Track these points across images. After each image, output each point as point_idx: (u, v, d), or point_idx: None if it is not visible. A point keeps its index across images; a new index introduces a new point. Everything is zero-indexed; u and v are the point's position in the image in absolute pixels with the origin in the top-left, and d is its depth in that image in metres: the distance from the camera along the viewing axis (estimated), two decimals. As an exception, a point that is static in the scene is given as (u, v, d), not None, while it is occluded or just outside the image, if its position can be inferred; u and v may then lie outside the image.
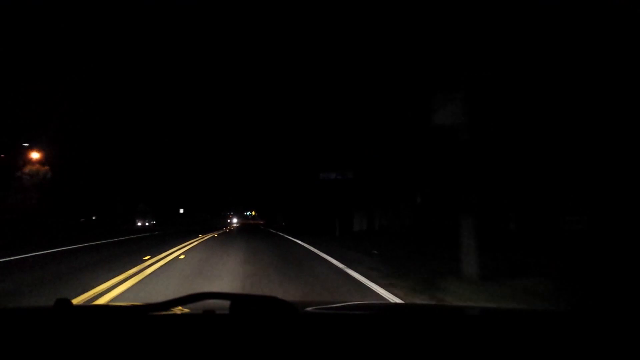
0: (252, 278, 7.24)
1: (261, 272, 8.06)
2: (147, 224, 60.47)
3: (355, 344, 1.18)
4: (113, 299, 5.55)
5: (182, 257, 11.09)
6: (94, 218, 45.11)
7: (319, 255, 11.73)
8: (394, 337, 1.26)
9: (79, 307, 2.09)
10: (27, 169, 32.38)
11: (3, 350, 1.08)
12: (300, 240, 19.50)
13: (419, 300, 5.56)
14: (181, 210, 64.14)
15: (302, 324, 1.34)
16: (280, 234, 28.48)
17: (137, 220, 57.33)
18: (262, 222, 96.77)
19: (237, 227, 56.88)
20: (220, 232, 31.47)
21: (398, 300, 5.52)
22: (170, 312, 1.44)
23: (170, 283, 6.74)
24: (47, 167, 35.32)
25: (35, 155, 33.58)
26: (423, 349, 1.15)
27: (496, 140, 13.27)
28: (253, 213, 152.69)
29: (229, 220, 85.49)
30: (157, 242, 17.63)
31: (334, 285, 6.71)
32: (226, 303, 1.29)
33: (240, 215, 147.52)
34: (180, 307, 1.49)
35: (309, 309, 1.71)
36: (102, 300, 5.48)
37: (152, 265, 8.97)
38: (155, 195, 58.71)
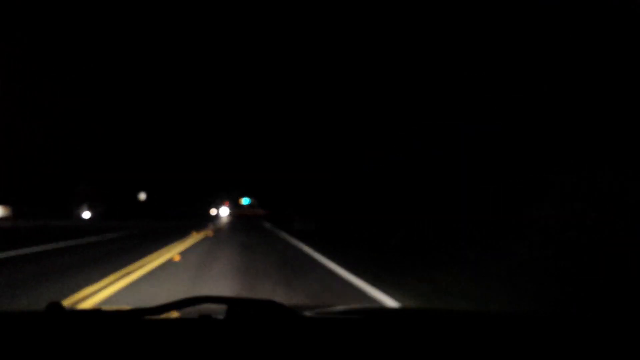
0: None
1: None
2: (99, 213, 41.15)
3: (353, 348, 1.17)
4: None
5: None
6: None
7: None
8: (392, 341, 1.25)
9: (71, 311, 2.01)
10: None
11: None
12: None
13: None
14: (142, 196, 43.26)
15: (300, 328, 1.31)
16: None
17: (78, 210, 37.91)
18: (262, 212, 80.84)
19: (227, 222, 37.53)
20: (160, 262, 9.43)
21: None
22: (165, 317, 1.41)
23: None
24: None
25: None
26: (421, 353, 1.14)
27: None
28: (252, 201, 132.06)
29: (212, 212, 61.77)
30: None
31: None
32: (223, 307, 1.29)
33: (236, 204, 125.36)
34: (175, 312, 1.44)
35: (307, 313, 1.63)
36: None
37: None
38: (106, 172, 38.78)
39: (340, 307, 2.00)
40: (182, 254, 11.01)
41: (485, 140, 12.05)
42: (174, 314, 1.48)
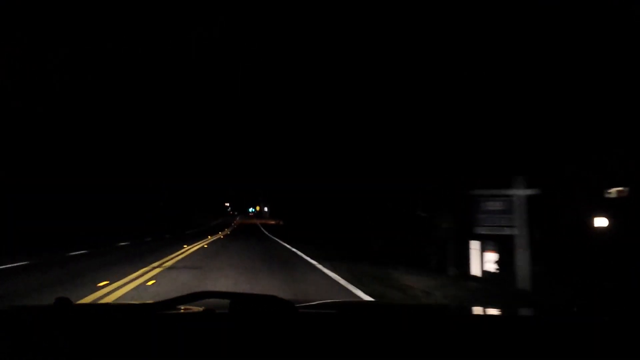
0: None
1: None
2: None
3: (352, 342, 1.19)
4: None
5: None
6: None
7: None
8: (390, 334, 1.28)
9: (79, 306, 2.07)
10: None
11: (5, 349, 1.06)
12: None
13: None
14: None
15: (302, 322, 1.34)
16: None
17: None
18: (274, 222, 67.36)
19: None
20: None
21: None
22: (170, 311, 1.43)
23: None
24: None
25: None
26: (416, 347, 1.17)
27: None
28: (257, 209, 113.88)
29: None
30: None
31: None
32: (226, 302, 1.28)
33: (240, 212, 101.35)
34: (180, 306, 1.46)
35: (308, 308, 1.71)
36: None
37: None
38: None
39: (339, 301, 2.28)
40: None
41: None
42: (179, 309, 1.48)
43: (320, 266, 11.73)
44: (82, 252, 14.35)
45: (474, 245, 8.97)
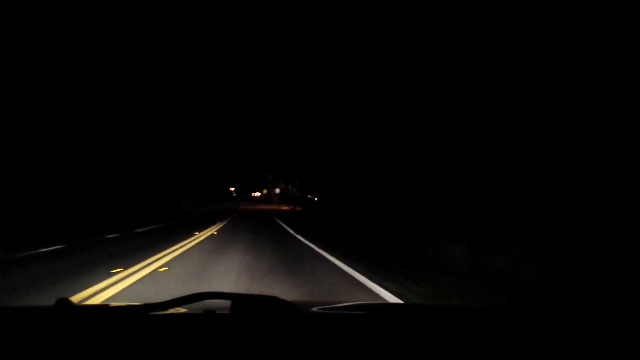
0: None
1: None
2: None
3: (355, 344, 1.19)
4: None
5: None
6: None
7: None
8: (393, 336, 1.27)
9: (79, 307, 2.07)
10: None
11: (3, 349, 1.08)
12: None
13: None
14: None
15: (303, 323, 1.35)
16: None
17: None
18: (287, 207, 59.32)
19: None
20: None
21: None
22: (171, 312, 1.44)
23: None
24: None
25: None
26: (422, 349, 1.16)
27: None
28: (265, 192, 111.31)
29: None
30: None
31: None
32: (227, 303, 1.30)
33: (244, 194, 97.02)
34: (181, 307, 1.49)
35: (309, 309, 1.72)
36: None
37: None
38: None
39: (345, 304, 2.05)
40: None
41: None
42: (180, 310, 1.49)
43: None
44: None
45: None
